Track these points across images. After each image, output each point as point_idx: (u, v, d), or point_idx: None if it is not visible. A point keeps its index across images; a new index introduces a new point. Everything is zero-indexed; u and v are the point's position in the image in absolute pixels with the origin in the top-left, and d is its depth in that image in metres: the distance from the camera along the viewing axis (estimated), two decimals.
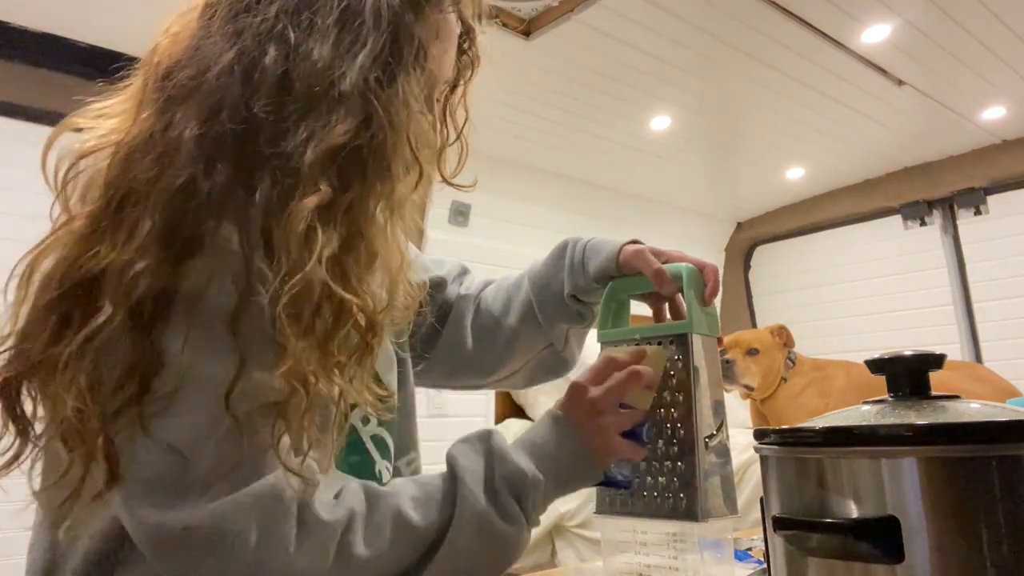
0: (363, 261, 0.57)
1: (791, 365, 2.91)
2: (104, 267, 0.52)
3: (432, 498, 0.62)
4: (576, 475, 0.67)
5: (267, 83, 0.56)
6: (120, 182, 0.55)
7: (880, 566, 0.46)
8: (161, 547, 0.53)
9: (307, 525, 0.55)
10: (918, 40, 2.48)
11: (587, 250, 0.82)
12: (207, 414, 0.53)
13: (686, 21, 2.31)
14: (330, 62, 0.56)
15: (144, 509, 0.53)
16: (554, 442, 0.66)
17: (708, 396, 0.73)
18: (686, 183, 3.84)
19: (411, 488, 0.63)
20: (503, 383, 0.94)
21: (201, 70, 0.57)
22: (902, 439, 0.47)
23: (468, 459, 0.64)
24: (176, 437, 0.52)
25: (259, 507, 0.53)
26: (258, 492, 0.53)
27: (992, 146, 3.41)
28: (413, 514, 0.60)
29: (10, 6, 2.10)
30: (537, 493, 0.64)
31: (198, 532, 0.51)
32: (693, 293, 0.75)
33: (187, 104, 0.56)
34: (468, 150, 0.78)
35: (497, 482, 0.63)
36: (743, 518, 2.13)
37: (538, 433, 0.68)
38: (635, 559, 0.78)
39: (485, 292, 0.92)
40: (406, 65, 0.60)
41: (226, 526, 0.52)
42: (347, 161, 0.56)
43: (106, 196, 0.55)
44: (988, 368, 2.87)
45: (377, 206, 0.58)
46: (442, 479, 0.64)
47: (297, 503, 0.55)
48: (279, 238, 0.53)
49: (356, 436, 0.72)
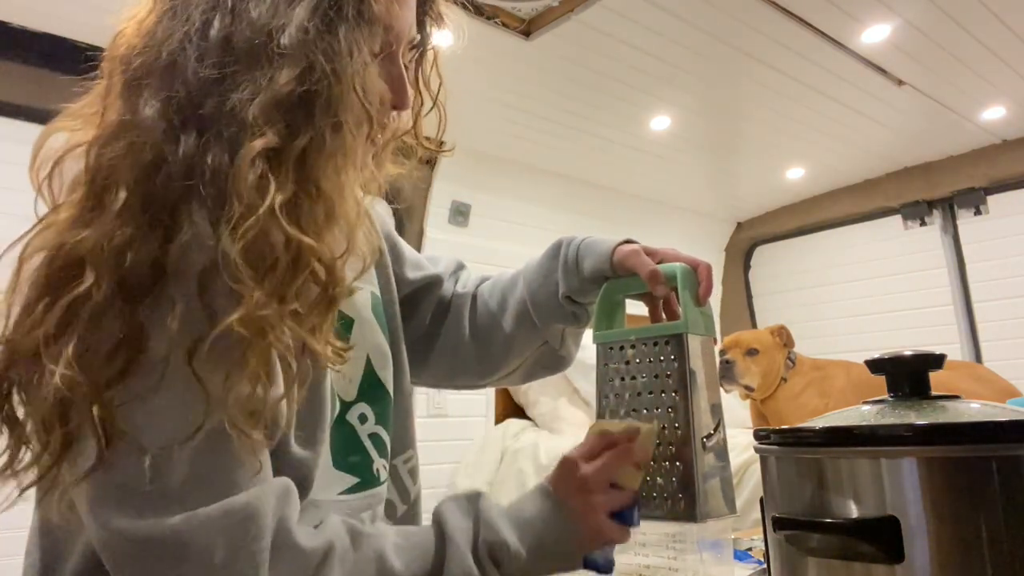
0: (319, 211, 0.57)
1: (791, 365, 2.91)
2: (89, 247, 0.53)
3: (417, 549, 0.60)
4: (558, 554, 0.65)
5: (212, 48, 0.57)
6: (98, 169, 0.56)
7: (880, 566, 0.46)
8: (119, 556, 0.52)
9: (282, 549, 0.53)
10: (918, 40, 2.48)
11: (581, 250, 0.82)
12: (183, 417, 0.51)
13: (686, 21, 2.31)
14: (269, 18, 0.58)
15: (109, 513, 0.51)
16: (540, 517, 0.65)
17: (705, 396, 0.73)
18: (686, 183, 3.84)
19: (395, 535, 0.61)
20: (501, 382, 0.93)
21: (156, 52, 0.59)
22: (902, 439, 0.47)
23: (457, 519, 0.63)
24: (150, 439, 0.51)
25: (229, 523, 0.51)
26: (230, 508, 0.51)
27: (992, 146, 3.41)
28: (396, 562, 0.58)
29: (10, 6, 2.10)
30: (514, 566, 0.62)
31: (161, 544, 0.50)
32: (688, 293, 0.74)
33: (148, 86, 0.58)
34: (446, 116, 0.78)
35: (480, 546, 0.61)
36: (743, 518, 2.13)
37: (527, 507, 0.66)
38: (635, 559, 0.79)
39: (481, 288, 0.92)
40: (346, 16, 0.60)
41: (191, 540, 0.50)
42: (293, 110, 0.56)
43: (86, 184, 0.56)
44: (988, 368, 2.87)
45: (329, 156, 0.58)
46: (429, 533, 0.63)
47: (275, 524, 0.53)
48: (230, 186, 0.54)
49: (354, 435, 0.72)
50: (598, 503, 0.66)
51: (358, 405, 0.73)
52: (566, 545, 0.65)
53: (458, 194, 3.22)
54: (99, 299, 0.52)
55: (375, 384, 0.76)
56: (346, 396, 0.72)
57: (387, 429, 0.76)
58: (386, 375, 0.77)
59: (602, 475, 0.66)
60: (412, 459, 0.82)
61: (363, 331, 0.75)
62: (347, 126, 0.59)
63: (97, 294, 0.52)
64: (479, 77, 2.52)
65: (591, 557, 0.67)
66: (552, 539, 0.64)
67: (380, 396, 0.76)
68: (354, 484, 0.70)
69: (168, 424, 0.52)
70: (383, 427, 0.76)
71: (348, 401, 0.72)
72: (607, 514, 0.66)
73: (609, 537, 0.66)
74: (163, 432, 0.52)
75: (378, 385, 0.76)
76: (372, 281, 0.81)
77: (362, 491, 0.70)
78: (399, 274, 0.88)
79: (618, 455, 0.67)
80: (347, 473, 0.69)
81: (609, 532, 0.66)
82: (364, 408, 0.74)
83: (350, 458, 0.70)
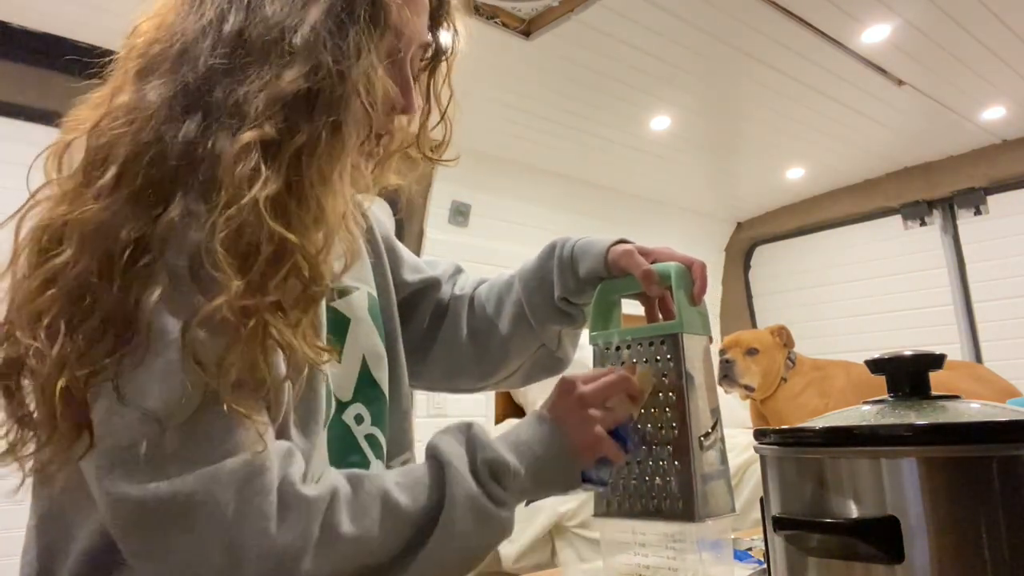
0: (307, 208, 0.58)
1: (791, 365, 2.91)
2: (75, 221, 0.54)
3: (419, 483, 0.61)
4: (556, 472, 0.66)
5: (225, 40, 0.59)
6: (97, 147, 0.57)
7: (880, 566, 0.46)
8: (130, 523, 0.51)
9: (288, 500, 0.53)
10: (918, 40, 2.48)
11: (575, 252, 0.82)
12: (181, 380, 0.52)
13: (686, 21, 2.31)
14: (283, 17, 0.59)
15: (112, 480, 0.51)
16: (537, 439, 0.66)
17: (702, 396, 0.73)
18: (686, 183, 3.84)
19: (394, 474, 0.61)
20: (500, 384, 0.94)
21: (170, 42, 0.60)
22: (902, 439, 0.47)
23: (451, 446, 0.63)
24: (151, 403, 0.51)
25: (236, 480, 0.51)
26: (235, 466, 0.52)
27: (992, 146, 3.41)
28: (401, 496, 0.59)
29: (10, 6, 2.10)
30: (515, 484, 0.63)
31: (169, 506, 0.50)
32: (683, 292, 0.74)
33: (157, 72, 0.59)
34: (452, 130, 0.79)
35: (479, 467, 0.62)
36: (743, 518, 2.12)
37: (521, 431, 0.67)
38: (634, 559, 0.79)
39: (479, 291, 0.92)
40: (359, 19, 0.61)
41: (200, 499, 0.50)
42: (294, 107, 0.57)
43: (83, 161, 0.57)
44: (988, 368, 2.87)
45: (325, 155, 0.58)
46: (426, 466, 0.63)
47: (280, 478, 0.53)
48: (220, 173, 0.55)
49: (351, 435, 0.72)
50: (595, 416, 0.67)
51: (354, 406, 0.73)
52: (564, 461, 0.66)
53: (458, 194, 3.22)
54: (81, 272, 0.53)
55: (371, 385, 0.76)
56: (342, 396, 0.72)
57: (383, 430, 0.76)
58: (381, 376, 0.77)
59: (599, 393, 0.68)
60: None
61: (359, 332, 0.75)
62: (346, 127, 0.60)
63: (79, 268, 0.53)
64: (479, 77, 2.52)
65: (587, 473, 0.68)
66: (551, 456, 0.65)
67: (375, 397, 0.76)
68: None
69: (168, 390, 0.52)
70: (378, 428, 0.76)
71: (344, 401, 0.72)
72: (604, 429, 0.67)
73: (604, 449, 0.67)
74: (164, 397, 0.52)
75: (374, 386, 0.76)
76: (369, 282, 0.81)
77: None
78: (397, 277, 0.88)
79: (616, 381, 0.69)
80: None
81: (605, 445, 0.67)
82: (360, 409, 0.74)
83: (347, 459, 0.70)
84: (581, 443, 0.66)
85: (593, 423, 0.67)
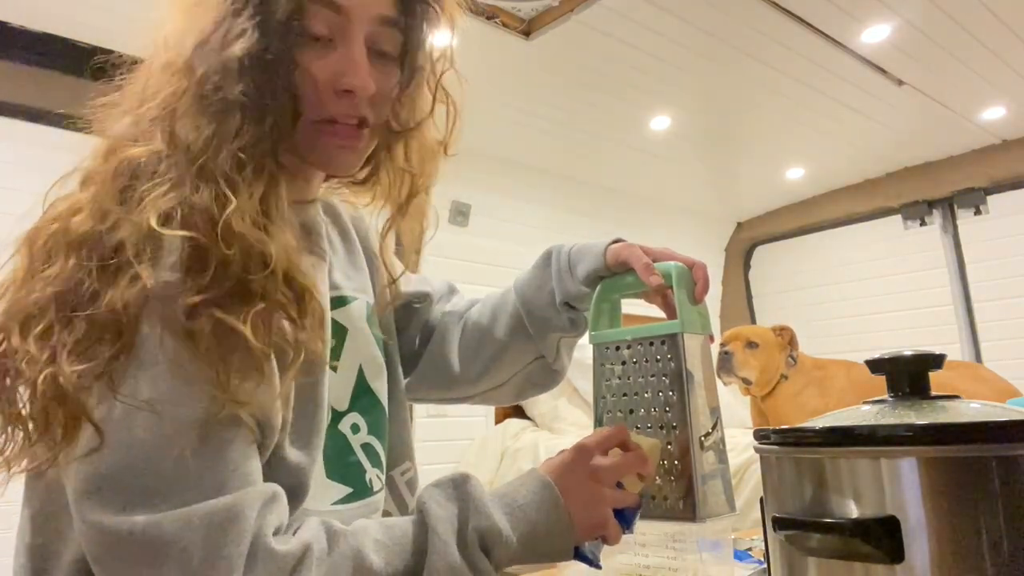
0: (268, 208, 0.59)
1: (792, 363, 2.91)
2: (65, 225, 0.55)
3: (398, 544, 0.58)
4: (550, 546, 0.62)
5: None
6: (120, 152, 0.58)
7: (880, 566, 0.46)
8: (101, 551, 0.51)
9: (257, 552, 0.51)
10: (918, 40, 2.48)
11: (572, 256, 0.81)
12: (171, 411, 0.51)
13: (686, 21, 2.31)
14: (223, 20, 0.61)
15: (90, 506, 0.50)
16: (535, 506, 0.62)
17: (702, 395, 0.73)
18: (686, 183, 3.84)
19: (375, 531, 0.58)
20: (490, 395, 0.91)
21: (199, 40, 0.61)
22: (902, 439, 0.47)
23: (441, 507, 0.59)
24: (140, 435, 0.51)
25: (209, 526, 0.50)
26: (211, 509, 0.51)
27: (992, 146, 3.41)
28: (375, 558, 0.56)
29: (10, 6, 2.10)
30: (504, 553, 0.59)
31: (139, 541, 0.49)
32: (683, 292, 0.74)
33: (181, 72, 0.60)
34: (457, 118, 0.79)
35: (468, 535, 0.58)
36: (743, 518, 2.12)
37: (520, 493, 0.63)
38: (634, 559, 0.79)
39: (471, 311, 0.91)
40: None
41: (170, 539, 0.49)
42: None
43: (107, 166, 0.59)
44: (988, 368, 2.87)
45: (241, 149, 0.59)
46: (411, 524, 0.59)
47: (256, 529, 0.52)
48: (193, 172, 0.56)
49: (347, 444, 0.71)
50: (605, 496, 0.65)
51: (350, 415, 0.73)
52: (561, 537, 0.62)
53: (458, 194, 3.22)
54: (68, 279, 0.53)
55: (367, 394, 0.75)
56: (338, 406, 0.71)
57: (380, 439, 0.76)
58: (379, 385, 0.77)
59: (615, 472, 0.66)
60: (409, 471, 0.81)
61: (356, 341, 0.75)
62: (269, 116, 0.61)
63: (66, 274, 0.53)
64: (479, 77, 2.52)
65: (582, 550, 0.65)
66: (547, 528, 0.62)
67: (372, 406, 0.76)
68: (347, 494, 0.69)
69: (154, 417, 0.51)
70: (376, 437, 0.75)
71: (340, 411, 0.72)
72: (612, 509, 0.65)
73: (607, 531, 0.65)
74: (150, 425, 0.51)
75: (370, 395, 0.76)
76: (367, 291, 0.81)
77: (356, 501, 0.70)
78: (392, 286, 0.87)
79: (633, 461, 0.67)
80: (340, 483, 0.69)
81: (609, 527, 0.65)
82: (356, 418, 0.73)
83: (343, 468, 0.70)
84: (585, 522, 0.63)
85: (603, 504, 0.64)
